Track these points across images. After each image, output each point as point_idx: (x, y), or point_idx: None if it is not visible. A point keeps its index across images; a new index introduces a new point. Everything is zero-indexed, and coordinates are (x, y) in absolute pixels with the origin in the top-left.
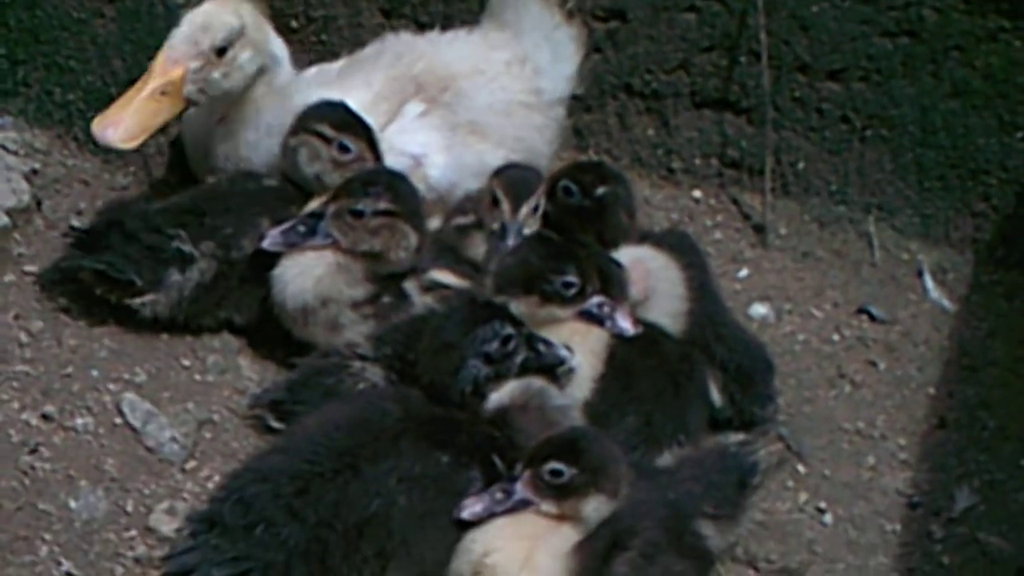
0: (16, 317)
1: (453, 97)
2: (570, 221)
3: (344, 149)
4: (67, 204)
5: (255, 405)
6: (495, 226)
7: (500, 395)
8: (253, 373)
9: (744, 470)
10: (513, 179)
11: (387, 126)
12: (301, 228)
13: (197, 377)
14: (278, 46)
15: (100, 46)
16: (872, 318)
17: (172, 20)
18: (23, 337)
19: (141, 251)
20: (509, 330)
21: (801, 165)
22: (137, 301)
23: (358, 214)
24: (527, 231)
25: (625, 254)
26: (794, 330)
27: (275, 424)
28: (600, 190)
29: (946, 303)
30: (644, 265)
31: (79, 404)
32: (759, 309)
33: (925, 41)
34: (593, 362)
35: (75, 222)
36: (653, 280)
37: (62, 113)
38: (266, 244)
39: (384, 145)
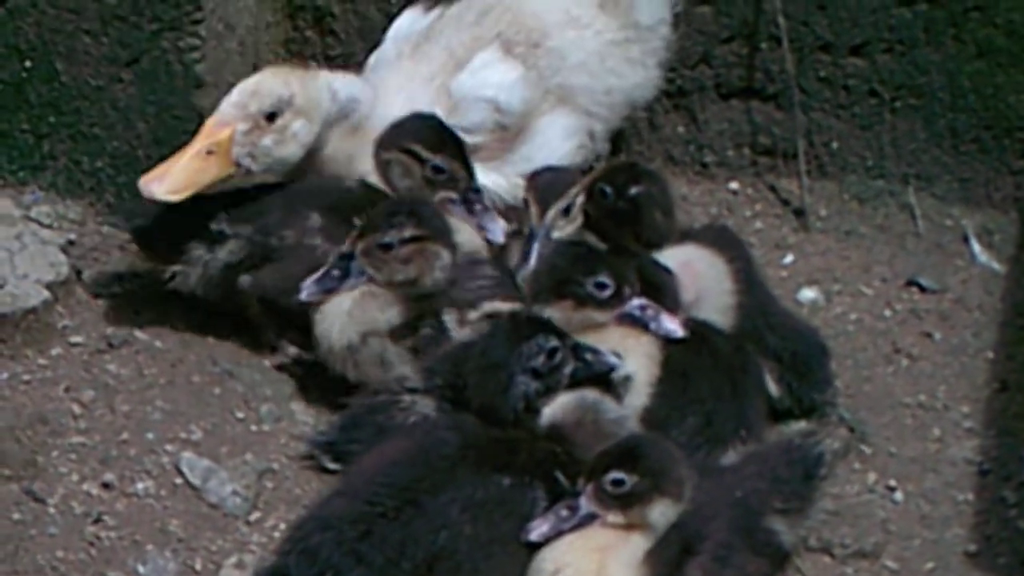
0: (67, 389)
1: (546, 58)
2: (607, 223)
3: (438, 170)
4: (106, 272)
5: (311, 449)
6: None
7: (553, 410)
8: (308, 417)
9: (810, 462)
10: (542, 183)
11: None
12: (335, 273)
13: (253, 428)
14: (345, 86)
15: (122, 111)
16: (922, 289)
17: (191, 78)
18: (76, 408)
19: (174, 223)
20: (554, 342)
21: (835, 144)
22: (166, 270)
23: (387, 247)
24: (556, 235)
25: (671, 256)
26: (845, 310)
27: (332, 466)
28: (633, 190)
29: (995, 265)
30: (693, 267)
31: (138, 469)
32: (808, 293)
33: (944, 5)
34: (649, 367)
35: (117, 289)
36: (702, 280)
37: (92, 181)
38: (304, 296)
39: (445, 101)
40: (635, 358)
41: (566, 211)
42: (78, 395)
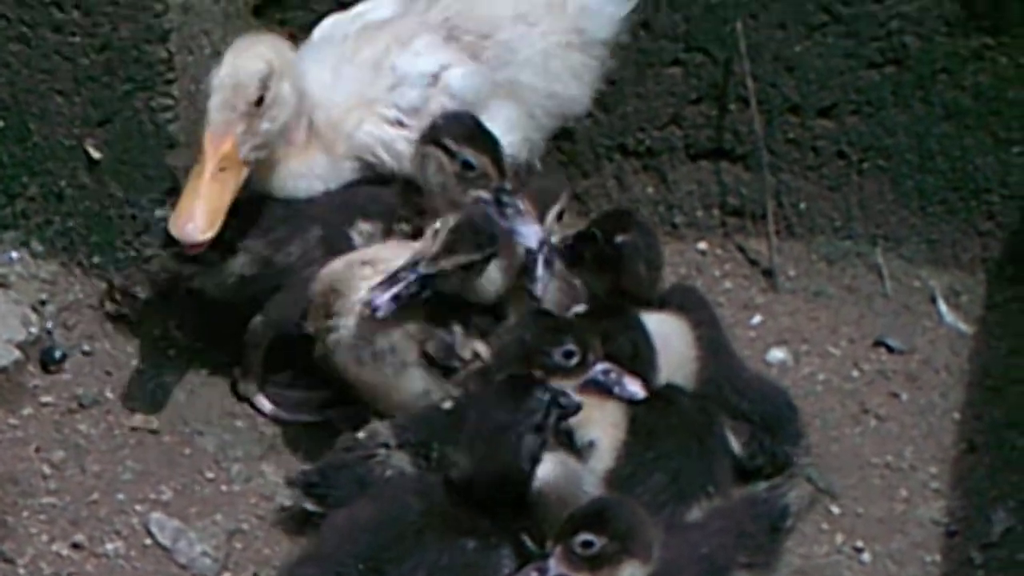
0: (37, 450)
1: (494, 49)
2: (591, 268)
3: (467, 166)
4: (78, 332)
5: (291, 485)
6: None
7: (542, 477)
8: (278, 478)
9: (775, 514)
10: (537, 190)
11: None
12: (413, 288)
13: (223, 488)
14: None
15: (94, 171)
16: (890, 349)
17: (163, 138)
18: (46, 469)
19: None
20: (547, 394)
21: (803, 205)
22: (189, 270)
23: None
24: (555, 239)
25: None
26: (813, 371)
27: (311, 507)
28: (620, 238)
29: (962, 326)
30: (661, 340)
31: (108, 529)
32: (776, 354)
33: (911, 68)
34: (614, 433)
35: (87, 348)
36: (668, 350)
37: (64, 241)
38: (380, 314)
39: (392, 77)
40: (600, 428)
41: (561, 216)
42: (48, 455)
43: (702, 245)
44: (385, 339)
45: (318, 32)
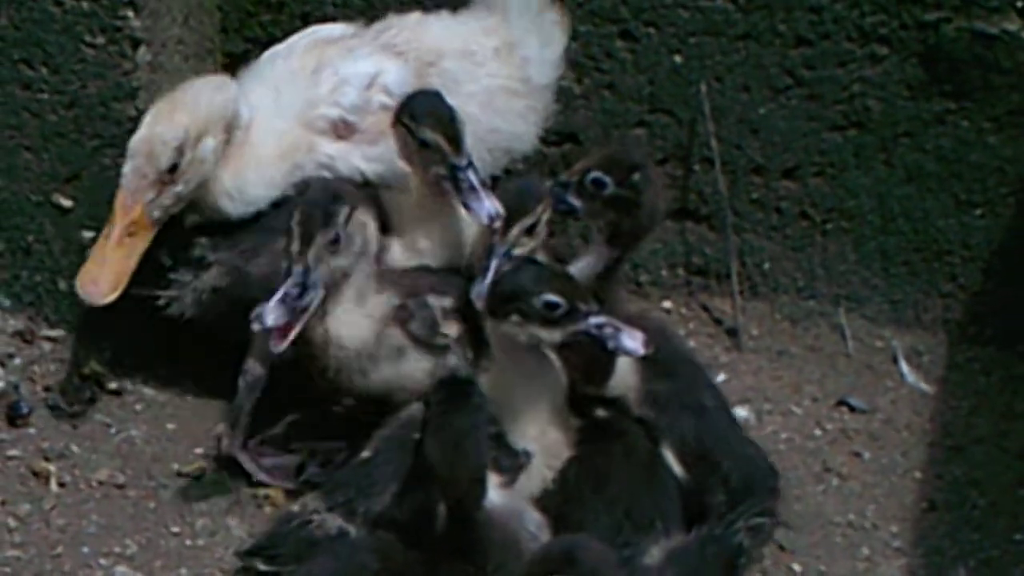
0: (3, 503)
1: (439, 77)
2: (605, 211)
3: (424, 144)
4: (43, 385)
5: (241, 555)
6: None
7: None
8: (242, 532)
9: (729, 554)
10: (508, 199)
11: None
12: (294, 292)
13: (188, 542)
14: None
15: (61, 226)
16: (852, 409)
17: None
18: (11, 522)
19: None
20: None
21: (767, 265)
22: (161, 295)
23: (335, 241)
24: (517, 251)
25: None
26: (776, 429)
27: (263, 567)
28: (635, 177)
29: (924, 386)
30: None
31: None
32: (740, 412)
33: (874, 131)
34: (552, 464)
35: (57, 402)
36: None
37: (31, 296)
38: (271, 322)
39: (333, 79)
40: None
41: (530, 230)
42: (14, 508)
43: (667, 304)
44: (377, 340)
45: (268, 52)
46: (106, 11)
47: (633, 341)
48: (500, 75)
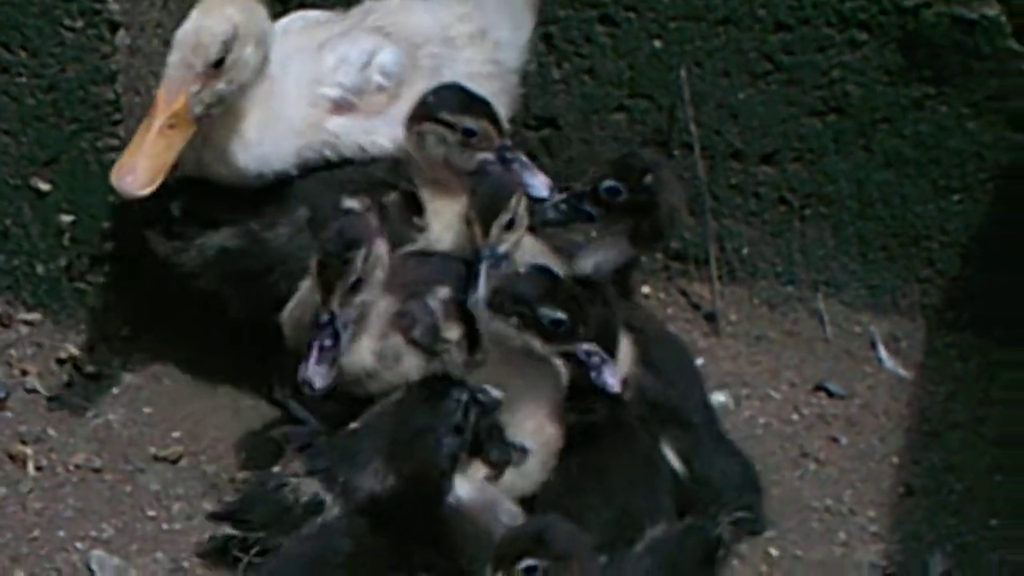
0: None
1: (429, 60)
2: (621, 216)
3: (469, 132)
4: (20, 369)
5: (212, 518)
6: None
7: (458, 499)
8: None
9: (708, 546)
10: (481, 198)
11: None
12: (327, 343)
13: (164, 526)
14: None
15: (40, 210)
16: (830, 394)
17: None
18: None
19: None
20: (464, 394)
21: (745, 250)
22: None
23: (356, 285)
24: (502, 248)
25: None
26: (754, 414)
27: (231, 531)
28: (647, 180)
29: (902, 371)
30: None
31: (48, 566)
32: (718, 397)
33: (853, 116)
34: (545, 452)
35: (34, 385)
36: None
37: (9, 279)
38: (320, 385)
39: (333, 58)
40: (533, 440)
41: (509, 225)
42: None
43: (645, 289)
44: (378, 355)
45: None
46: None
47: (613, 378)
48: (476, 60)
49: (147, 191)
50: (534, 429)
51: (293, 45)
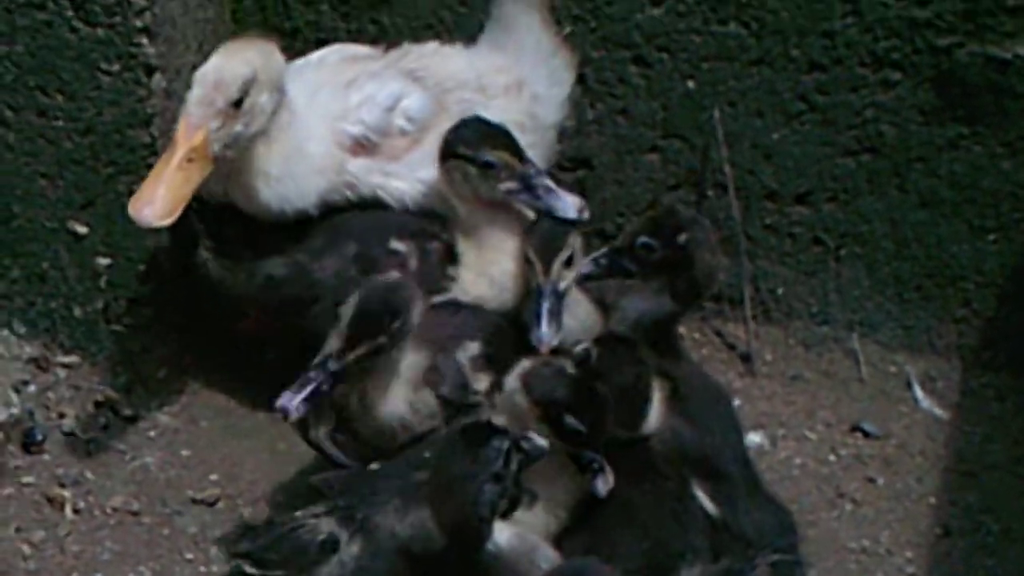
0: (17, 530)
1: (457, 105)
2: (657, 274)
3: (488, 165)
4: (57, 412)
5: (233, 557)
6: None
7: (498, 546)
8: None
9: None
10: (541, 237)
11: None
12: (325, 387)
13: (202, 568)
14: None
15: (77, 253)
16: (866, 434)
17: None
18: (26, 549)
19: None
20: (506, 442)
21: (780, 290)
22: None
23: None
24: (563, 285)
25: None
26: (790, 455)
27: (251, 571)
28: (682, 237)
29: (938, 411)
30: None
31: None
32: (753, 438)
33: (887, 156)
34: (558, 512)
35: (71, 428)
36: None
37: (47, 322)
38: (293, 416)
39: (360, 95)
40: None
41: (568, 262)
42: (28, 535)
43: (680, 329)
44: (411, 407)
45: (299, 61)
46: (121, 38)
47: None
48: (511, 109)
49: (164, 223)
50: (545, 480)
51: (324, 78)
